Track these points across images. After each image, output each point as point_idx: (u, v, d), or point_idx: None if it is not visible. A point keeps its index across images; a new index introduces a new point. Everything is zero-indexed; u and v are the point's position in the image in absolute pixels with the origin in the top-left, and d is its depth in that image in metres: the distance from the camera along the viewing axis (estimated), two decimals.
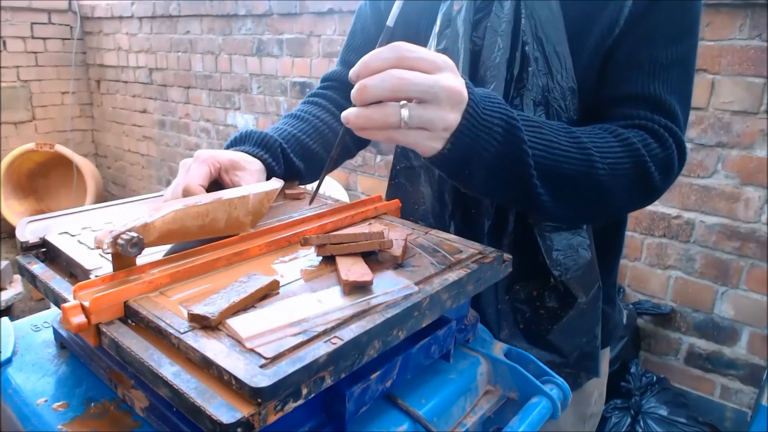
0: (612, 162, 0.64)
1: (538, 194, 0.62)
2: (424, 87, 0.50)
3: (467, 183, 0.61)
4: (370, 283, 0.49)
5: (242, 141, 0.77)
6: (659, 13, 0.67)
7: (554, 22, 0.67)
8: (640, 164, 0.66)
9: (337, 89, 0.92)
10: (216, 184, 0.69)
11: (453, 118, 0.53)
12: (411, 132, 0.53)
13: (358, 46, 0.92)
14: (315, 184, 0.75)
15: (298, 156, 0.80)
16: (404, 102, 0.51)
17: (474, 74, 0.72)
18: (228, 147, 0.77)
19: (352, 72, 0.52)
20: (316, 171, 0.84)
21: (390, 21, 0.57)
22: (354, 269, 0.51)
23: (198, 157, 0.67)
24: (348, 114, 0.53)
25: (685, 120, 0.71)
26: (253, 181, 0.69)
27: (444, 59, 0.53)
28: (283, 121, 0.86)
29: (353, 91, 0.52)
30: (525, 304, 0.77)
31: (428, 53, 0.52)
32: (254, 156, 0.73)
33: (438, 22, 0.74)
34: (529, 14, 0.68)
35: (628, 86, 0.69)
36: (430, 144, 0.55)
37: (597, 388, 0.88)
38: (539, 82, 0.68)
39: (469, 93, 0.54)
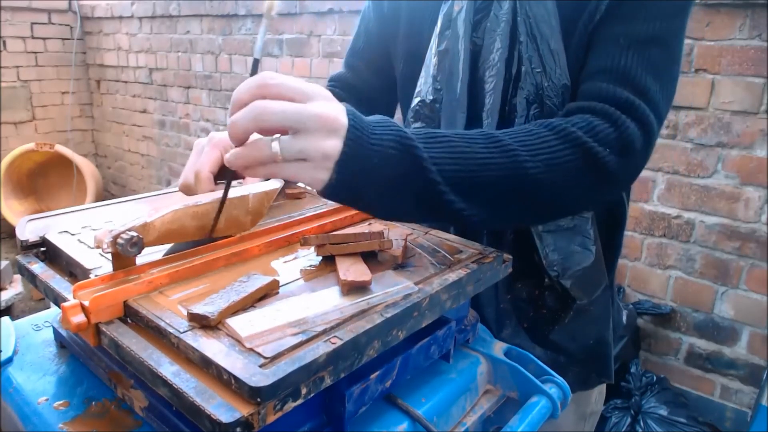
0: (547, 156, 0.60)
1: (459, 209, 0.57)
2: (288, 115, 0.48)
3: (371, 210, 0.58)
4: (369, 283, 0.49)
5: None
6: None
7: (549, 20, 0.67)
8: (584, 150, 0.61)
9: (341, 89, 0.92)
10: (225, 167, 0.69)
11: (330, 145, 0.49)
12: (291, 165, 0.50)
13: (360, 49, 0.92)
14: None
15: None
16: (277, 135, 0.49)
17: (474, 74, 0.72)
18: None
19: (230, 108, 0.51)
20: None
21: (256, 53, 0.54)
22: (353, 269, 0.51)
23: (211, 140, 0.65)
24: (227, 157, 0.51)
25: (664, 99, 0.66)
26: None
27: (315, 88, 0.51)
28: None
29: (227, 129, 0.50)
30: (527, 303, 0.77)
31: (296, 82, 0.50)
32: None
33: (439, 23, 0.74)
34: (525, 13, 0.68)
35: (599, 60, 0.66)
36: (315, 175, 0.51)
37: (597, 386, 0.88)
38: (533, 80, 0.68)
39: (349, 119, 0.51)
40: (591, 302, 0.76)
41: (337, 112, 0.50)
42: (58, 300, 0.51)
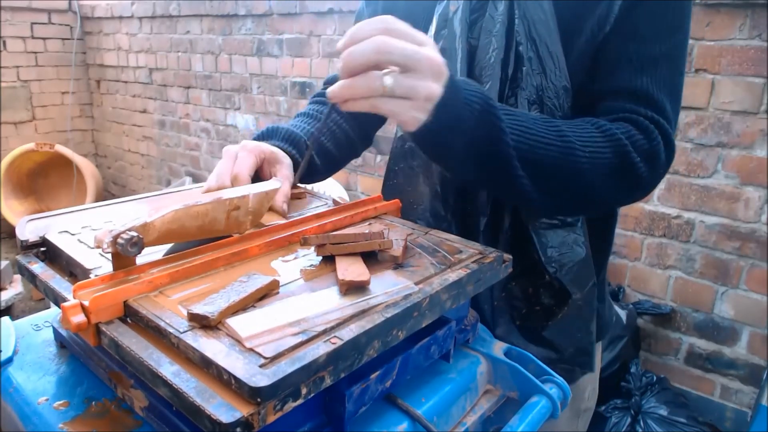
0: (593, 151, 0.65)
1: (519, 177, 0.62)
2: (409, 53, 0.52)
3: (447, 161, 0.63)
4: (367, 283, 0.50)
5: (270, 136, 0.79)
6: (647, 9, 0.68)
7: (547, 22, 0.68)
8: (623, 154, 0.66)
9: None
10: (256, 174, 0.71)
11: (435, 87, 0.55)
12: (394, 101, 0.54)
13: None
14: (322, 183, 0.76)
15: (318, 154, 0.83)
16: (387, 70, 0.52)
17: (470, 74, 0.73)
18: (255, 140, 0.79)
19: (340, 43, 0.54)
20: (330, 168, 0.87)
21: None
22: (351, 269, 0.51)
23: (245, 147, 0.70)
24: (332, 88, 0.54)
25: (675, 114, 0.71)
26: (287, 174, 0.72)
27: (426, 37, 0.55)
28: (299, 119, 0.88)
29: (340, 61, 0.53)
30: (521, 300, 0.77)
31: (412, 29, 0.54)
32: (284, 151, 0.75)
33: (434, 23, 0.75)
34: (522, 15, 0.69)
35: (617, 81, 0.70)
36: (414, 114, 0.55)
37: (590, 382, 0.89)
38: (533, 81, 0.69)
39: (448, 71, 0.56)
40: (581, 297, 0.77)
41: (442, 60, 0.55)
42: (58, 300, 0.51)
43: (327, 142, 0.85)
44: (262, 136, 0.79)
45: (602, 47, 0.70)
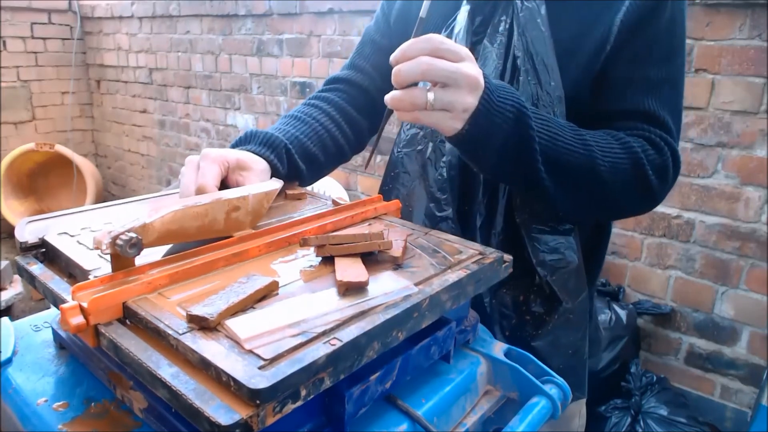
0: (612, 160, 0.70)
1: (542, 179, 0.68)
2: (448, 72, 0.58)
3: (480, 162, 0.68)
4: (365, 284, 0.49)
5: (247, 141, 0.78)
6: (646, 35, 0.72)
7: (544, 40, 0.72)
8: (639, 166, 0.71)
9: (342, 92, 0.93)
10: (222, 183, 0.69)
11: (471, 101, 0.61)
12: (435, 113, 0.61)
13: (368, 54, 0.96)
14: (322, 183, 0.76)
15: (301, 158, 0.81)
16: (430, 87, 0.59)
17: None
18: (234, 146, 0.77)
19: (392, 57, 0.60)
20: (315, 174, 0.85)
21: (423, 12, 0.64)
22: (350, 270, 0.51)
23: (207, 156, 0.68)
24: (387, 96, 0.61)
25: (677, 132, 0.77)
26: (257, 181, 0.70)
27: (466, 51, 0.61)
28: (283, 121, 0.86)
29: (392, 74, 0.60)
30: (511, 309, 0.78)
31: (454, 45, 0.60)
32: (260, 155, 0.74)
33: None
34: (521, 32, 0.73)
35: (624, 103, 0.75)
36: (452, 124, 0.62)
37: (578, 411, 0.88)
38: (530, 90, 0.73)
39: (485, 82, 0.62)
40: (572, 309, 0.77)
41: (479, 74, 0.61)
42: (57, 301, 0.50)
43: (314, 147, 0.84)
44: (240, 142, 0.78)
45: (606, 69, 0.74)
